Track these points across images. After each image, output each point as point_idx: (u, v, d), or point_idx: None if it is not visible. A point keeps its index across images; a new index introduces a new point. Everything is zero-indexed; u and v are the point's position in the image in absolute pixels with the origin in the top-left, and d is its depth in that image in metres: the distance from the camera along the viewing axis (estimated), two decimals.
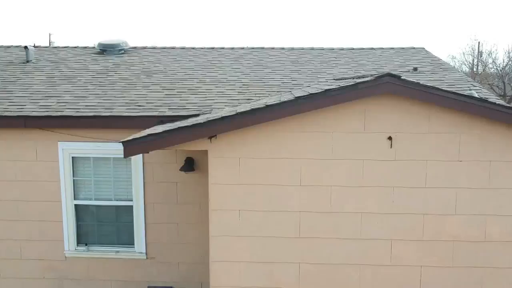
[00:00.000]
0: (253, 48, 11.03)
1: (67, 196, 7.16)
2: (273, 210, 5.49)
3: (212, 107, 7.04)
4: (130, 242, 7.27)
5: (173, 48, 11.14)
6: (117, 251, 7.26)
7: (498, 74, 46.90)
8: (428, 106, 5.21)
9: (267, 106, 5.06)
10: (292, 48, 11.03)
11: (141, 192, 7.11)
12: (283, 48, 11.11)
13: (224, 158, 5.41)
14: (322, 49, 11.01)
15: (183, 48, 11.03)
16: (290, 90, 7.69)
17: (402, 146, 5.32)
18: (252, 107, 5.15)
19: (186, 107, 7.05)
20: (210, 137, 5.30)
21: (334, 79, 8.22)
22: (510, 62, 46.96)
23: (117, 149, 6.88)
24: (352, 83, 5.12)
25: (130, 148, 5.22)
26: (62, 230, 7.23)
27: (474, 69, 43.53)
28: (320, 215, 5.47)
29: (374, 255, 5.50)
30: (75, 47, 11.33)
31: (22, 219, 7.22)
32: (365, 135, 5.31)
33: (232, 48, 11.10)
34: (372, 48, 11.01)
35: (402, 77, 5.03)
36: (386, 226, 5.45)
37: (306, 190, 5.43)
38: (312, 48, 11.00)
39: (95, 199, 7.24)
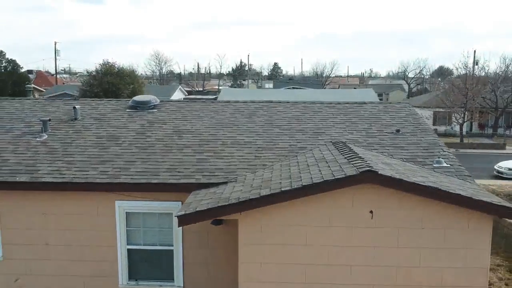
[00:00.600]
0: (262, 103, 12.99)
1: (122, 242, 9.11)
2: (287, 263, 7.45)
3: (236, 173, 8.99)
4: (170, 278, 9.22)
5: (195, 100, 13.11)
6: (160, 285, 9.23)
7: (490, 87, 48.97)
8: (399, 190, 7.17)
9: (282, 191, 7.03)
10: (296, 102, 13.00)
11: (180, 239, 9.06)
12: (288, 102, 13.09)
13: (250, 225, 7.37)
14: (322, 103, 12.96)
15: (203, 101, 12.99)
16: (296, 155, 9.66)
17: (380, 217, 7.28)
18: (272, 192, 7.10)
19: (216, 174, 9.00)
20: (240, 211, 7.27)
21: (331, 142, 10.17)
22: (504, 71, 48.80)
23: (162, 207, 8.91)
24: (343, 175, 7.03)
25: (183, 221, 7.19)
26: (117, 268, 9.19)
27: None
28: (321, 267, 7.44)
29: None
30: (109, 100, 13.31)
31: (86, 259, 9.16)
32: (353, 209, 7.28)
33: (245, 102, 13.06)
34: (364, 103, 12.98)
35: (379, 172, 6.96)
36: (369, 275, 7.42)
37: (311, 248, 7.40)
38: (313, 103, 12.96)
39: (144, 244, 9.20)
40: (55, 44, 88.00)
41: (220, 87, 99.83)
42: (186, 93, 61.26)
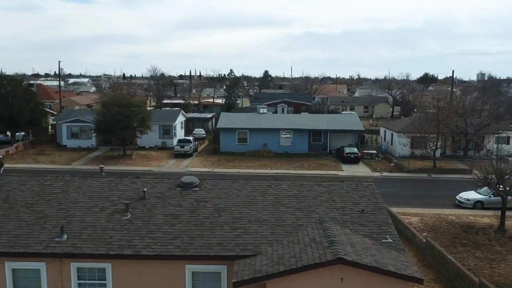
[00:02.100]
0: (271, 181, 18.48)
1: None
2: None
3: (260, 247, 14.45)
4: None
5: (223, 180, 18.59)
6: None
7: (461, 113, 54.92)
8: (356, 268, 12.69)
9: (292, 269, 12.52)
10: (295, 181, 18.53)
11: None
12: (289, 180, 18.62)
13: (275, 287, 12.87)
14: (312, 185, 18.45)
15: (230, 181, 18.44)
16: (297, 231, 15.16)
17: (347, 282, 12.81)
18: (285, 269, 12.58)
19: (248, 248, 14.46)
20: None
21: (320, 221, 15.67)
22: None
23: (214, 268, 14.37)
24: (325, 259, 12.51)
25: (236, 284, 12.68)
26: None
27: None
28: None
29: None
30: (163, 179, 18.72)
31: None
32: (331, 277, 12.80)
33: (259, 181, 18.55)
34: (342, 181, 18.55)
35: (345, 258, 12.45)
36: None
37: None
38: (310, 185, 18.46)
39: None
40: (59, 63, 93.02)
41: (215, 100, 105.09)
42: (186, 116, 66.41)
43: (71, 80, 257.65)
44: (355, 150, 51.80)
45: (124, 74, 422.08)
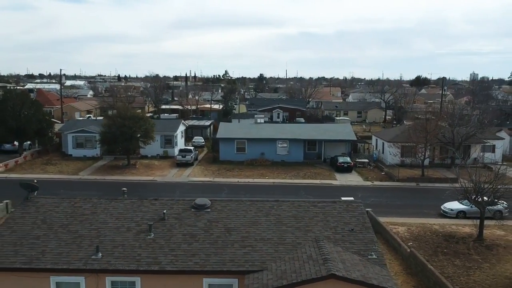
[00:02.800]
0: (273, 202, 21.20)
1: None
2: None
3: (266, 264, 17.18)
4: None
5: (230, 200, 21.31)
6: None
7: (449, 123, 57.93)
8: (349, 283, 15.44)
9: (293, 283, 15.26)
10: (293, 202, 21.27)
11: None
12: (289, 201, 21.36)
13: None
14: (308, 206, 21.17)
15: (238, 203, 21.16)
16: (297, 249, 17.89)
17: None
18: (288, 283, 15.31)
19: (255, 264, 17.19)
20: None
21: (315, 240, 18.40)
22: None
23: (227, 281, 17.09)
24: (320, 275, 15.25)
25: None
26: None
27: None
28: None
29: None
30: (178, 200, 21.42)
31: None
32: None
33: (263, 201, 21.27)
34: (334, 201, 21.31)
35: (337, 274, 15.19)
36: None
37: None
38: (307, 205, 21.20)
39: None
40: (60, 71, 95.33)
41: (212, 106, 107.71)
42: (186, 125, 69.03)
43: (68, 82, 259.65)
44: (348, 159, 54.65)
45: (119, 76, 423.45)
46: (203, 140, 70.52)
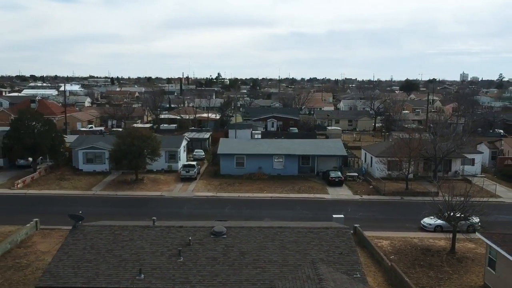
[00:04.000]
0: (278, 228, 25.93)
1: None
2: None
3: (274, 282, 21.92)
4: None
5: (242, 227, 26.04)
6: None
7: (431, 141, 63.03)
8: None
9: None
10: (293, 228, 26.02)
11: None
12: (289, 227, 26.11)
13: None
14: (306, 232, 25.95)
15: (248, 229, 25.88)
16: (298, 269, 22.66)
17: None
18: None
19: (265, 283, 21.92)
20: None
21: (312, 262, 23.17)
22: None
23: None
24: None
25: None
26: None
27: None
28: None
29: None
30: (200, 227, 26.10)
31: None
32: None
33: (268, 228, 26.01)
34: (326, 228, 26.11)
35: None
36: None
37: None
38: (305, 231, 25.98)
39: None
40: (64, 85, 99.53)
41: (209, 116, 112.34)
42: (188, 139, 73.64)
43: (62, 87, 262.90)
44: (339, 174, 59.57)
45: (112, 79, 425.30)
46: (203, 153, 75.16)
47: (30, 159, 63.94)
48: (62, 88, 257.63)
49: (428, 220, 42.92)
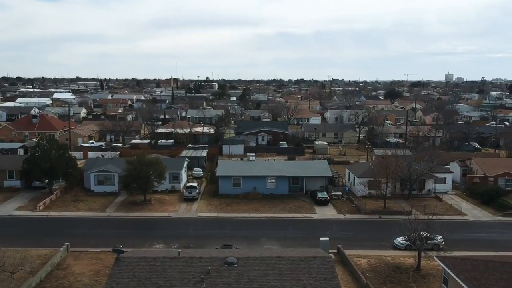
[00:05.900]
0: (276, 258, 33.30)
1: None
2: None
3: None
4: None
5: (248, 257, 33.37)
6: None
7: (406, 163, 70.72)
8: None
9: None
10: (289, 258, 33.40)
11: None
12: (285, 257, 33.51)
13: None
14: (299, 261, 33.34)
15: (254, 259, 33.21)
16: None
17: None
18: None
19: None
20: None
21: (304, 286, 30.55)
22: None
23: None
24: None
25: None
26: None
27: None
28: None
29: None
30: (216, 258, 33.40)
31: None
32: None
33: (269, 258, 33.36)
34: (314, 258, 33.53)
35: None
36: None
37: None
38: (298, 261, 33.37)
39: None
40: (68, 107, 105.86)
41: (205, 130, 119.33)
42: (188, 160, 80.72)
43: (55, 95, 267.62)
44: (325, 194, 67.15)
45: (101, 83, 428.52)
46: (202, 172, 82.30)
47: (46, 180, 70.55)
48: (54, 96, 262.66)
49: (400, 240, 50.47)
